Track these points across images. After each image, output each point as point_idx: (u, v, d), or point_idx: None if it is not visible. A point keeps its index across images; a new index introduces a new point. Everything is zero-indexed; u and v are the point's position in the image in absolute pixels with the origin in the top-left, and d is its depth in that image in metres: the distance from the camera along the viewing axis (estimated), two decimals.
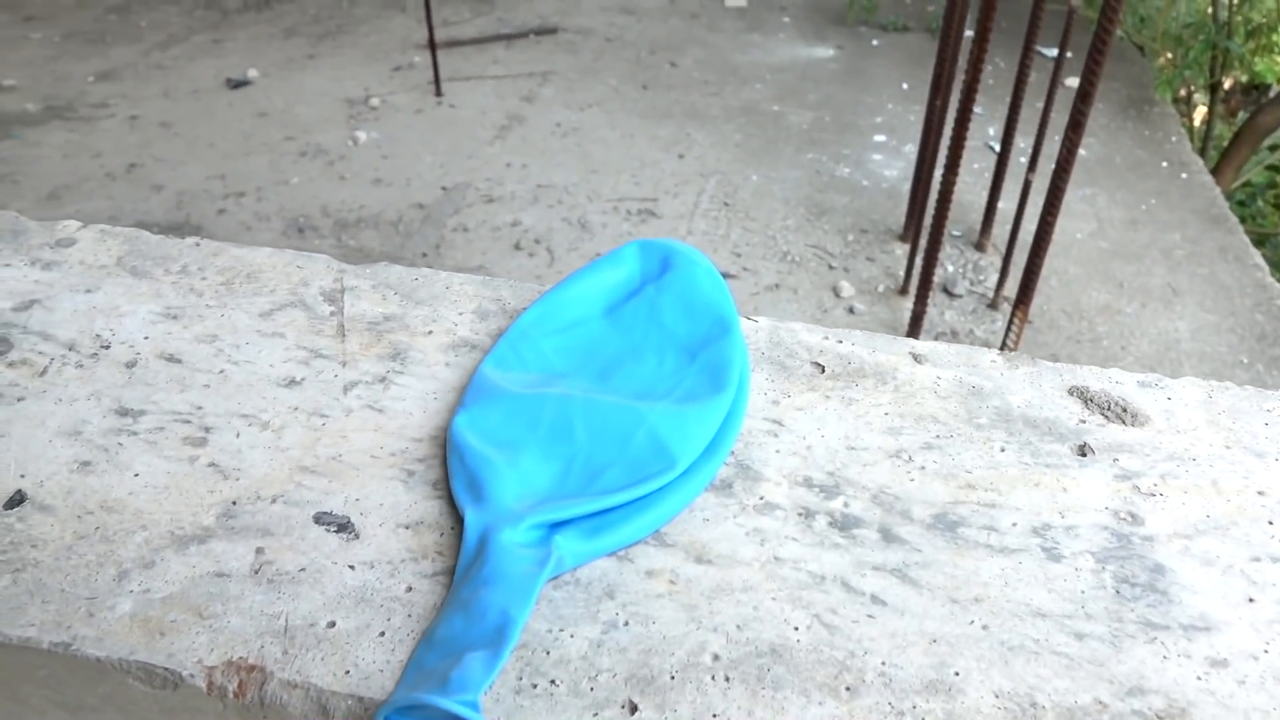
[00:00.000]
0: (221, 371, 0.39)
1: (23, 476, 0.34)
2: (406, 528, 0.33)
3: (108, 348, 0.40)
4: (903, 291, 1.76)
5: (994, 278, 1.83)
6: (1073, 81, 2.60)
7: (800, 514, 0.34)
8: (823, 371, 0.40)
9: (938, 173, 1.59)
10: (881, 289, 1.79)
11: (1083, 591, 0.31)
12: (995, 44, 1.92)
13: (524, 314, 0.41)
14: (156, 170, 2.12)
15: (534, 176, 2.11)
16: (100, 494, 0.33)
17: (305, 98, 2.40)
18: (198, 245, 0.46)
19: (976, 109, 2.24)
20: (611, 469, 0.33)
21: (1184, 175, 2.26)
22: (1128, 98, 2.58)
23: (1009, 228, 1.95)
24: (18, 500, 0.33)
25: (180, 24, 2.89)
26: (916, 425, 0.38)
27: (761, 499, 0.34)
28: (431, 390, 0.39)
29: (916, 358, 0.41)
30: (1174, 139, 2.45)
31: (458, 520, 0.33)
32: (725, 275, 1.81)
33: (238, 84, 2.48)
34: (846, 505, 0.34)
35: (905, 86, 2.56)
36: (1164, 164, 2.31)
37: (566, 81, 2.54)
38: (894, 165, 2.21)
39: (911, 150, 2.27)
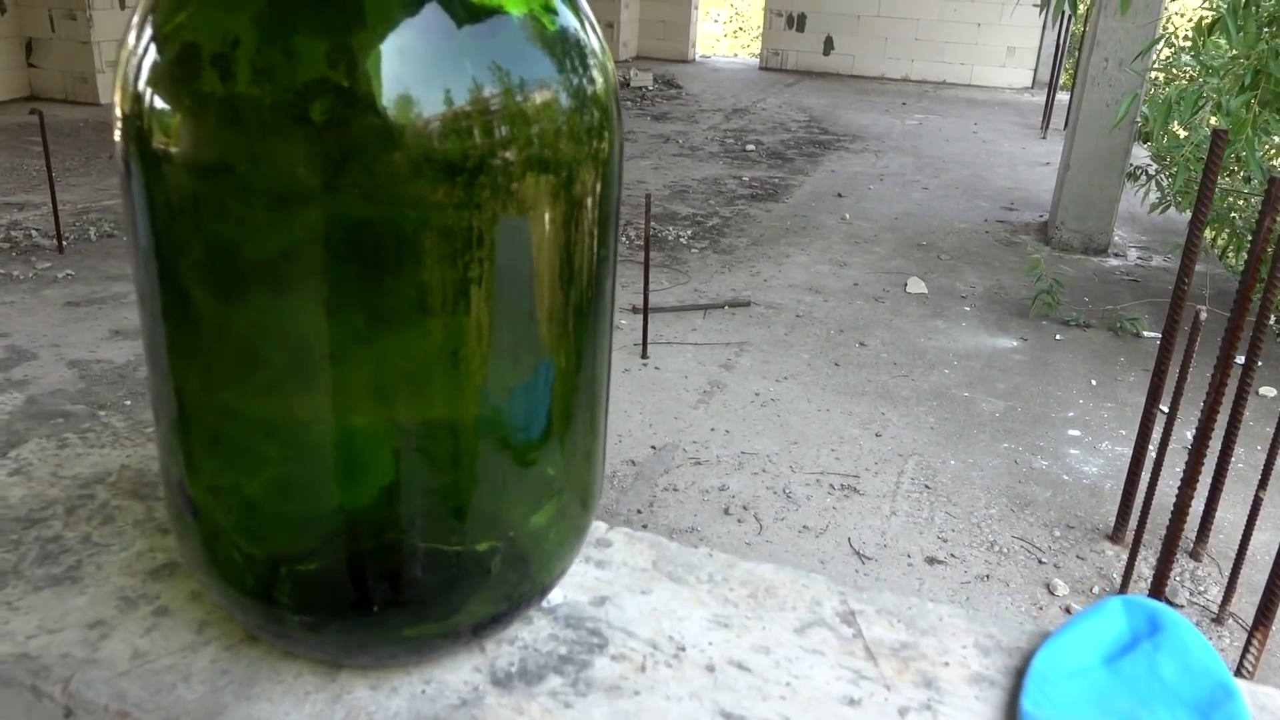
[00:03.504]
0: (788, 684, 0.46)
1: None
2: None
3: (684, 649, 0.47)
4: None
5: (1214, 589, 1.79)
6: (1266, 390, 2.61)
7: None
8: None
9: (1166, 483, 1.62)
10: (1096, 590, 1.77)
11: None
12: (1183, 348, 1.98)
13: (1035, 658, 0.47)
14: None
15: (737, 443, 2.22)
16: None
17: None
18: (710, 556, 0.55)
19: (1163, 407, 2.26)
20: None
21: None
22: None
23: (1222, 537, 1.92)
24: None
25: None
26: None
27: None
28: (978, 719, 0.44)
29: None
30: None
31: None
32: (933, 561, 1.83)
33: None
34: None
35: (1094, 382, 2.62)
36: None
37: (762, 353, 2.70)
38: (1092, 461, 2.23)
39: (1108, 447, 2.29)
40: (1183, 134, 3.20)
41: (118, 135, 0.40)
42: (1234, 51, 2.56)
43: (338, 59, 0.36)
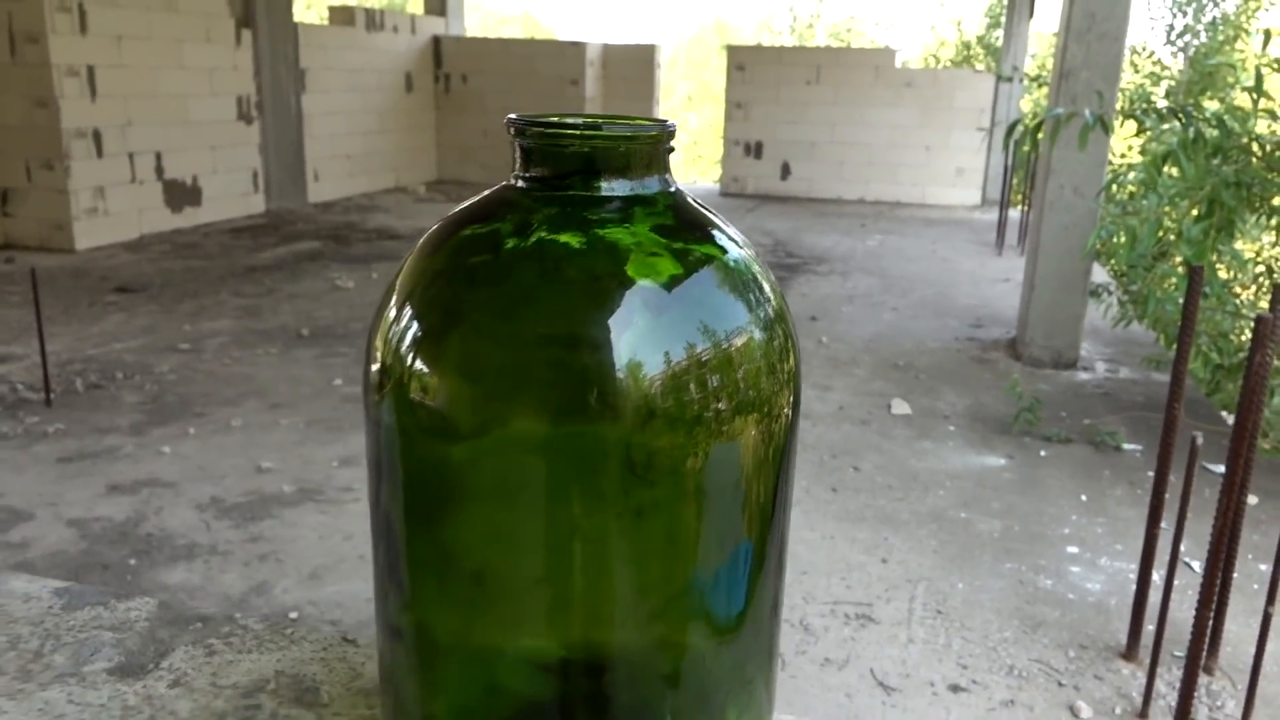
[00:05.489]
0: None
1: None
2: None
3: None
4: (1141, 716, 1.77)
5: (1230, 703, 1.83)
6: (1250, 499, 2.70)
7: None
8: None
9: (1172, 598, 1.67)
10: (1119, 711, 1.80)
11: None
12: (1156, 457, 2.05)
13: None
14: None
15: None
16: None
17: None
18: None
19: (1164, 524, 2.32)
20: None
21: None
22: None
23: (1230, 649, 1.97)
24: None
25: None
26: None
27: None
28: None
29: None
30: None
31: None
32: (957, 689, 1.85)
33: None
34: None
35: (1083, 498, 2.70)
36: None
37: None
38: (1094, 579, 2.28)
39: (1107, 563, 2.36)
40: (1122, 237, 3.37)
41: (374, 382, 0.45)
42: (1180, 179, 2.75)
43: (572, 339, 0.43)
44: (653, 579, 0.46)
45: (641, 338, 0.42)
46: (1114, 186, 4.83)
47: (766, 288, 0.47)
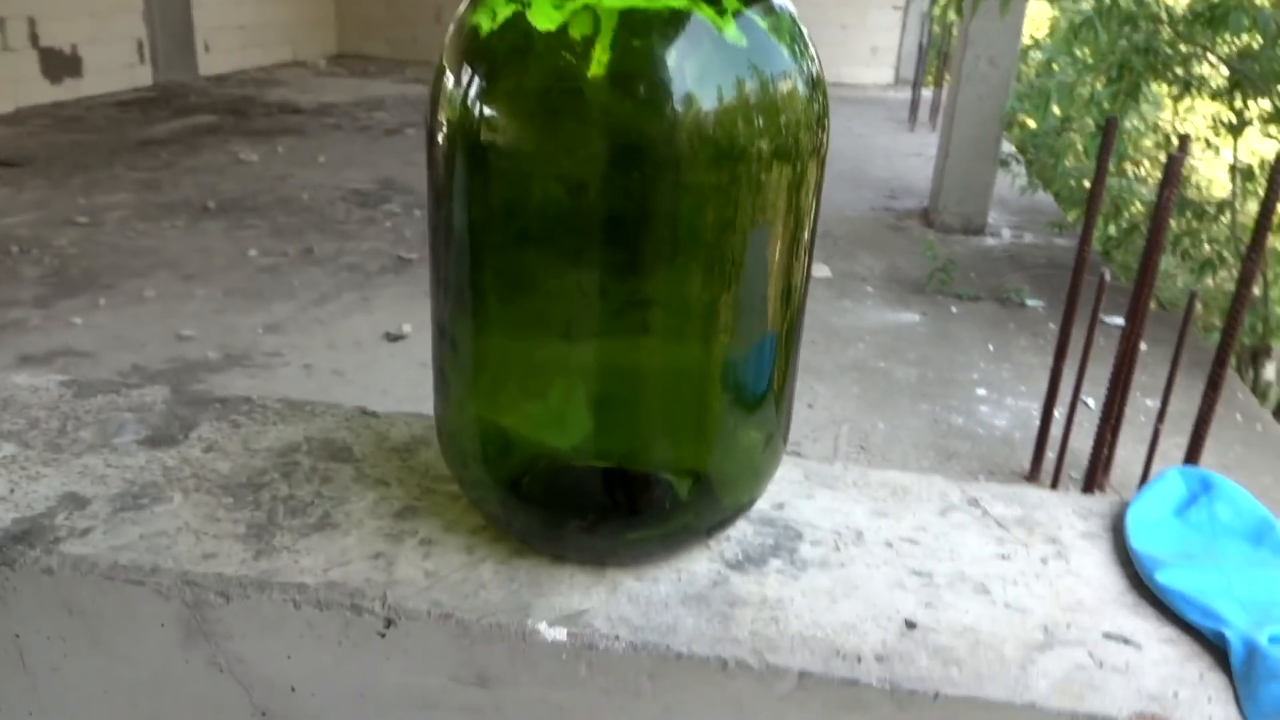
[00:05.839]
0: (951, 550, 0.58)
1: (889, 619, 0.52)
2: (1170, 643, 0.50)
3: (861, 534, 0.59)
4: None
5: None
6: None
7: None
8: None
9: (1076, 432, 1.82)
10: None
11: None
12: (1056, 311, 2.20)
13: (1127, 515, 0.60)
14: None
15: None
16: (952, 630, 0.51)
17: None
18: (846, 469, 0.66)
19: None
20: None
21: (1259, 427, 2.51)
22: (1193, 360, 2.88)
23: (1119, 471, 2.16)
24: (912, 625, 0.51)
25: (329, 283, 3.23)
26: None
27: None
28: (1099, 562, 0.57)
29: None
30: (1240, 395, 2.72)
31: (1197, 642, 0.50)
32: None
33: (395, 338, 2.78)
34: None
35: (991, 348, 2.87)
36: (1238, 416, 2.56)
37: None
38: (1000, 416, 2.45)
39: (1012, 402, 2.53)
40: (1032, 123, 3.49)
41: (440, 138, 0.48)
42: (1092, 53, 2.84)
43: (631, 68, 0.46)
44: (693, 298, 0.50)
45: (695, 69, 0.46)
46: (1025, 63, 4.95)
47: (812, 50, 0.51)
